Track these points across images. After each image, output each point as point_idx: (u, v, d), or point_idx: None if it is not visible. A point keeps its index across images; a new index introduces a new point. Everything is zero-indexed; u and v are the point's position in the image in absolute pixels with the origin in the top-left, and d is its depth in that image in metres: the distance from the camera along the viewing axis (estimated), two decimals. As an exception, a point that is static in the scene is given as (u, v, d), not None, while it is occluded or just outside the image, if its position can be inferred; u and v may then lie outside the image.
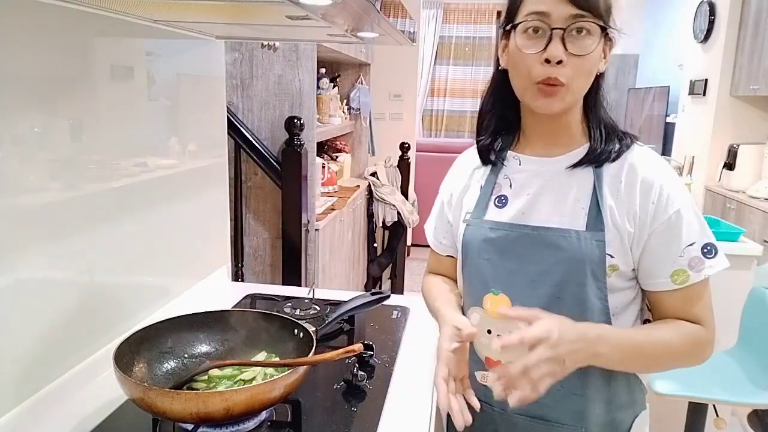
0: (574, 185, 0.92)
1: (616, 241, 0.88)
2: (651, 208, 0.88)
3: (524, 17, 0.87)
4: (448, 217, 1.06)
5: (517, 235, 0.92)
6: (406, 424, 0.96)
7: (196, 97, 1.44)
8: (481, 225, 0.96)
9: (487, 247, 0.95)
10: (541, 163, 0.95)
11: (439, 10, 6.52)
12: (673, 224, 0.88)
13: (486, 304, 0.96)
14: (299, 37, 1.70)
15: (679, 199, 0.88)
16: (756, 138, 3.89)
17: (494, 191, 0.98)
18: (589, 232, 0.88)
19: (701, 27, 4.20)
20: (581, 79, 0.87)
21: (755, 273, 2.06)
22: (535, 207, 0.93)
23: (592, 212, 0.89)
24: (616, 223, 0.88)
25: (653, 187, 0.88)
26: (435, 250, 1.13)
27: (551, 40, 0.84)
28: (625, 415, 0.97)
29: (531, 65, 0.86)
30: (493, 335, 0.95)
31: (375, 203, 3.52)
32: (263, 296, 1.49)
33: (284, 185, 2.23)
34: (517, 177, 0.96)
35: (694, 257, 0.88)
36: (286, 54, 2.25)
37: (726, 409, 2.01)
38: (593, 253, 0.87)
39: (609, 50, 0.91)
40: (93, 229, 1.04)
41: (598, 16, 0.84)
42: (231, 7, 0.94)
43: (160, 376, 0.96)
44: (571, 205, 0.91)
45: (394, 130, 4.53)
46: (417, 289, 1.16)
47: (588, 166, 0.91)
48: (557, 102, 0.87)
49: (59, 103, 0.94)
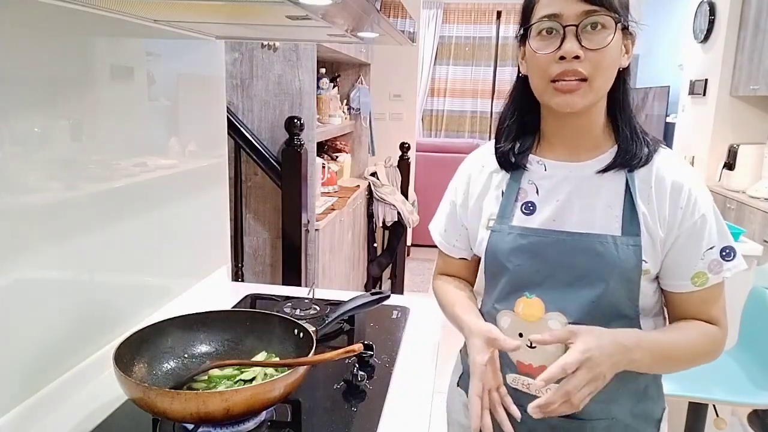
0: (605, 190, 0.91)
1: (649, 246, 0.89)
2: (679, 213, 0.89)
3: (537, 21, 0.87)
4: (463, 220, 1.05)
5: (551, 240, 0.91)
6: (406, 424, 0.96)
7: (196, 97, 1.44)
8: (508, 231, 0.95)
9: (517, 253, 0.93)
10: (568, 168, 0.94)
11: (439, 10, 6.52)
12: (698, 228, 0.89)
13: (518, 308, 0.94)
14: (299, 37, 1.70)
15: (705, 203, 0.90)
16: (756, 138, 3.89)
17: (519, 197, 0.96)
18: (625, 237, 0.88)
19: (701, 27, 4.20)
20: (602, 73, 0.86)
21: (755, 273, 2.06)
22: (566, 213, 0.92)
23: (627, 217, 0.89)
24: (649, 228, 0.89)
25: (682, 192, 0.89)
26: (446, 252, 1.10)
27: (565, 38, 0.84)
28: (656, 407, 0.98)
29: (547, 64, 0.86)
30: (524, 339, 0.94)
31: (375, 203, 3.52)
32: (263, 296, 1.49)
33: (284, 185, 2.23)
34: (543, 183, 0.95)
35: (714, 260, 0.89)
36: (286, 54, 2.25)
37: (726, 409, 2.01)
38: (630, 258, 0.87)
39: (631, 45, 0.90)
40: (93, 229, 1.04)
41: (611, 10, 0.84)
42: (231, 7, 0.94)
43: (160, 376, 0.95)
44: (604, 210, 0.90)
45: (394, 130, 4.53)
46: (417, 289, 1.16)
47: (620, 170, 0.91)
48: (578, 98, 0.86)
49: (59, 103, 0.94)
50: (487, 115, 6.84)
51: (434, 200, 1.10)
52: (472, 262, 1.09)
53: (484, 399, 0.87)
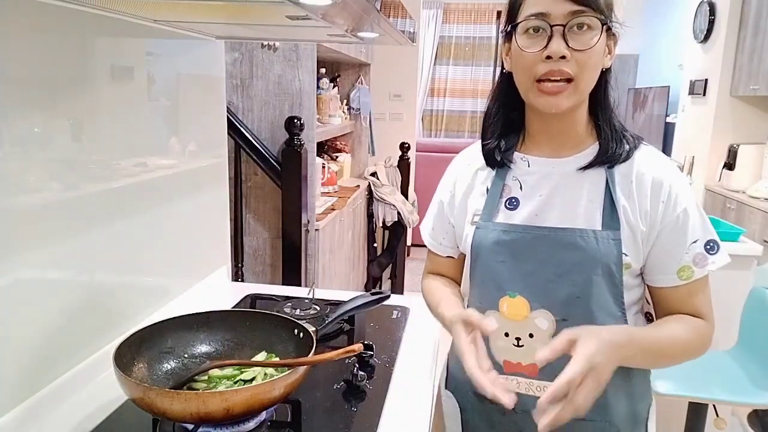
0: (586, 186, 0.92)
1: (630, 240, 0.89)
2: (661, 207, 0.89)
3: (524, 18, 0.87)
4: (449, 218, 1.06)
5: (533, 236, 0.92)
6: (406, 424, 0.96)
7: (196, 97, 1.44)
8: (492, 227, 0.95)
9: (500, 249, 0.94)
10: (551, 164, 0.95)
11: (439, 10, 6.52)
12: (681, 222, 0.90)
13: (502, 307, 0.95)
14: (299, 37, 1.70)
15: (686, 197, 0.91)
16: (756, 138, 3.89)
17: (503, 193, 0.97)
18: (605, 231, 0.89)
19: (701, 27, 4.20)
20: (587, 74, 0.87)
21: (755, 273, 2.06)
22: (548, 208, 0.93)
23: (607, 212, 0.90)
24: (629, 222, 0.89)
25: (663, 186, 0.90)
26: (433, 250, 1.12)
27: (552, 37, 0.84)
28: (643, 406, 0.98)
29: (533, 63, 0.86)
30: (510, 338, 0.94)
31: (375, 203, 3.52)
32: (263, 296, 1.49)
33: (284, 185, 2.23)
34: (527, 179, 0.96)
35: (698, 254, 0.90)
36: (286, 54, 2.25)
37: (726, 409, 2.01)
38: (611, 252, 0.88)
39: (614, 45, 0.91)
40: (93, 229, 1.04)
41: (597, 11, 0.84)
42: (231, 7, 0.94)
43: (160, 376, 0.95)
44: (585, 205, 0.91)
45: (394, 130, 4.53)
46: (417, 289, 1.16)
47: (600, 167, 0.92)
48: (564, 99, 0.87)
49: (59, 103, 0.94)
50: (487, 115, 6.84)
51: (434, 200, 1.10)
52: (458, 261, 1.11)
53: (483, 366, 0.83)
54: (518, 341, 0.93)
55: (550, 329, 0.92)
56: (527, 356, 0.93)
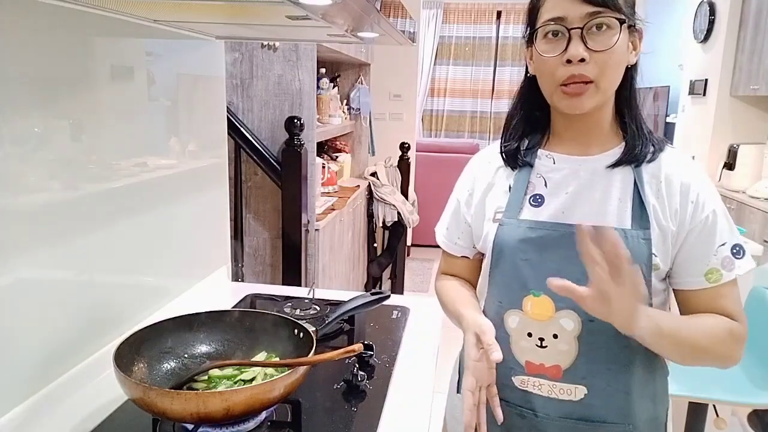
0: (615, 184, 0.92)
1: (659, 240, 0.89)
2: (690, 207, 0.89)
3: (542, 24, 0.87)
4: (466, 217, 1.04)
5: (560, 234, 0.91)
6: (406, 424, 0.96)
7: (196, 97, 1.44)
8: (517, 225, 0.94)
9: (525, 247, 0.93)
10: (577, 161, 0.94)
11: (439, 10, 6.52)
12: (710, 224, 0.89)
13: (526, 306, 0.93)
14: (299, 37, 1.70)
15: (714, 200, 0.91)
16: (756, 138, 3.89)
17: (528, 190, 0.96)
18: (635, 230, 0.88)
19: (701, 27, 4.20)
20: (609, 73, 0.87)
21: (755, 273, 2.06)
22: (575, 206, 0.92)
23: (636, 210, 0.89)
24: (659, 222, 0.89)
25: (692, 187, 0.89)
26: (448, 251, 1.10)
27: (570, 41, 0.85)
28: (662, 409, 0.98)
29: (554, 68, 0.87)
30: (533, 338, 0.93)
31: (375, 203, 3.52)
32: (263, 296, 1.49)
33: (284, 185, 2.23)
34: (552, 176, 0.95)
35: (726, 257, 0.90)
36: (286, 54, 2.25)
37: (726, 409, 2.01)
38: (641, 251, 0.87)
39: (639, 41, 0.91)
40: (93, 229, 1.04)
41: (615, 9, 0.84)
42: (231, 7, 0.94)
43: (160, 376, 0.95)
44: (615, 204, 0.91)
45: (394, 130, 4.53)
46: (417, 289, 1.16)
47: (627, 165, 0.92)
48: (586, 100, 0.87)
49: (59, 103, 0.94)
50: (487, 115, 6.84)
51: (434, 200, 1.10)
52: (474, 262, 1.09)
53: (476, 395, 0.86)
54: (542, 342, 0.92)
55: (575, 330, 0.90)
56: (551, 357, 0.92)
